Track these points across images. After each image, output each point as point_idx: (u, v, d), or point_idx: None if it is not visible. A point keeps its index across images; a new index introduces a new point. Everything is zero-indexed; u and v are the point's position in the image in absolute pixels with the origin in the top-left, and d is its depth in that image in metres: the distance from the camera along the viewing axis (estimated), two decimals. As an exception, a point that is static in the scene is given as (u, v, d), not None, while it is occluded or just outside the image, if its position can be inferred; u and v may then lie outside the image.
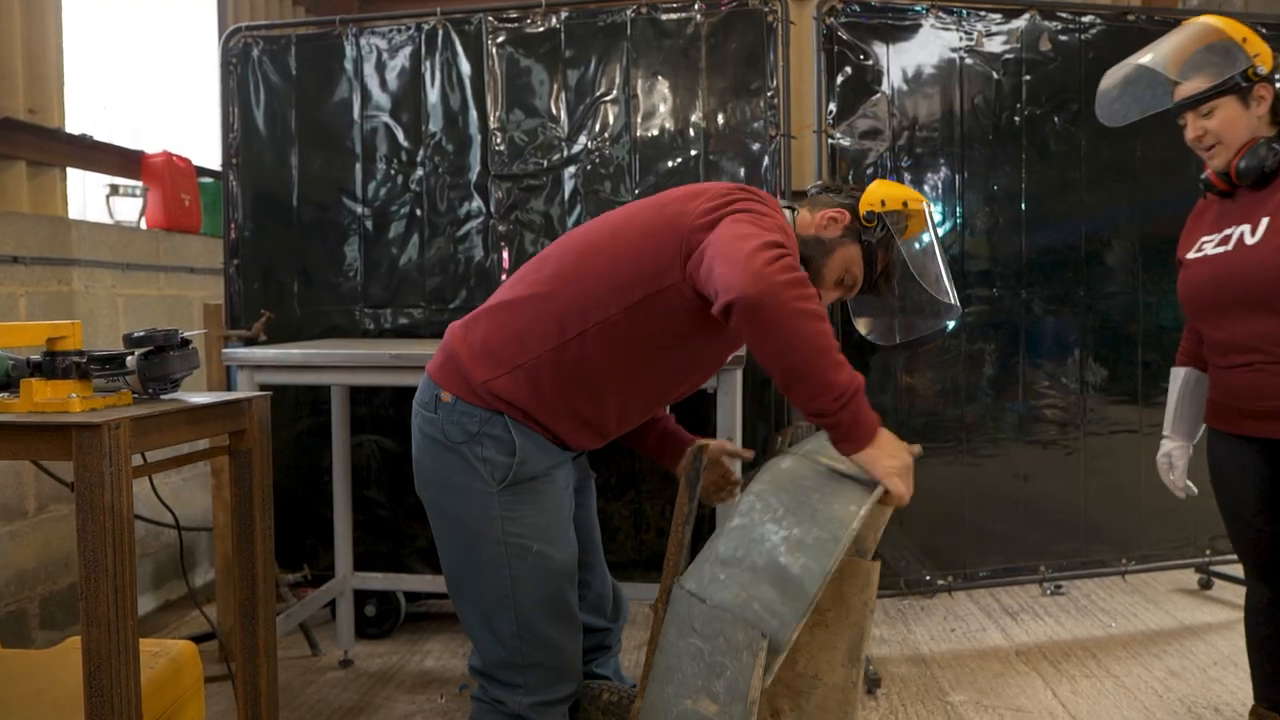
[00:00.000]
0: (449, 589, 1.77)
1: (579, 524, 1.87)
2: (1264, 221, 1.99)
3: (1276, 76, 2.01)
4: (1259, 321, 1.99)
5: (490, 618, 1.70)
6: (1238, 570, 3.68)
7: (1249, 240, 2.00)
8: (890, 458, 1.49)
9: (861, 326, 2.08)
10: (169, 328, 1.89)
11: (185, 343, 1.93)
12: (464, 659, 3.16)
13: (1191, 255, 2.17)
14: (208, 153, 4.55)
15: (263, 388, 2.59)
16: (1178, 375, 2.33)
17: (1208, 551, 3.57)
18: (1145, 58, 2.07)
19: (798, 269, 1.51)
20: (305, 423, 3.39)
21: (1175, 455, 2.30)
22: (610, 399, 1.71)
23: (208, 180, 4.36)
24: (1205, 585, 3.87)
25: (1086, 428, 3.42)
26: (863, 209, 1.80)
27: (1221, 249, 2.07)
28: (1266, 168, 1.98)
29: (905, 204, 1.82)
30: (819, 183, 1.97)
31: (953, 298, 1.90)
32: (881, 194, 1.82)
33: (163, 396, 1.88)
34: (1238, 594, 3.75)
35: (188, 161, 4.22)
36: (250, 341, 3.20)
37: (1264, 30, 3.47)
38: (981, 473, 3.34)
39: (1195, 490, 2.29)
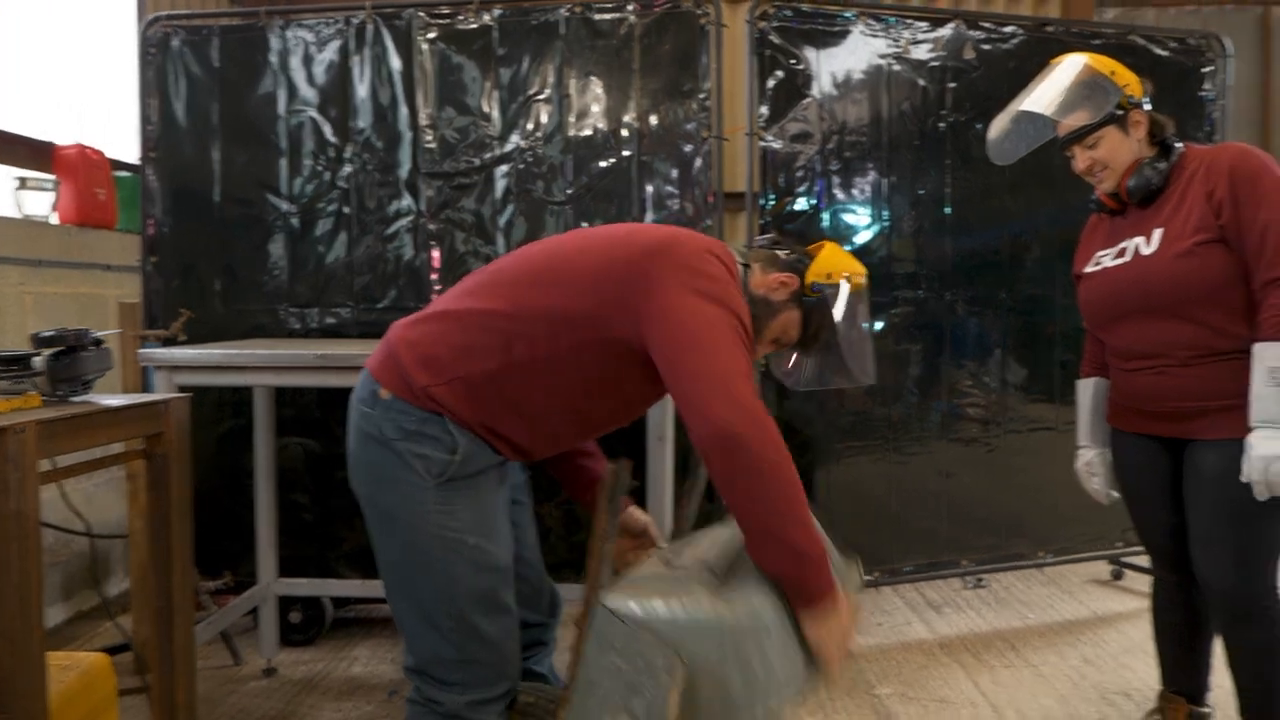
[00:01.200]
0: (385, 586, 1.75)
1: (516, 520, 1.87)
2: (1157, 233, 2.09)
3: (1145, 101, 2.14)
4: (1158, 327, 2.09)
5: (426, 614, 1.68)
6: (1147, 561, 3.84)
7: (1145, 251, 2.10)
8: (836, 629, 1.54)
9: (775, 369, 2.16)
10: (80, 327, 1.83)
11: (97, 342, 1.87)
12: (393, 664, 3.11)
13: (1089, 269, 2.27)
14: (124, 146, 4.40)
15: (182, 389, 2.52)
16: (1086, 386, 2.42)
17: (1119, 544, 3.71)
18: (1027, 102, 2.19)
19: (766, 413, 1.54)
20: (227, 425, 3.30)
21: (1095, 463, 2.39)
22: (542, 426, 1.72)
23: (124, 174, 4.22)
24: (1117, 576, 4.02)
25: (1007, 426, 3.52)
26: (810, 278, 1.88)
27: (1119, 261, 2.16)
28: (1153, 185, 2.10)
29: (848, 277, 1.92)
30: (770, 236, 2.06)
31: (869, 370, 2.00)
32: (829, 267, 1.90)
33: (73, 399, 1.82)
34: (1148, 584, 3.89)
35: (102, 154, 4.06)
36: (169, 341, 3.11)
37: (1174, 44, 3.65)
38: (907, 471, 3.42)
39: (1116, 496, 2.38)
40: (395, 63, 3.19)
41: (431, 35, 3.19)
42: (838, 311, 1.89)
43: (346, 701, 2.85)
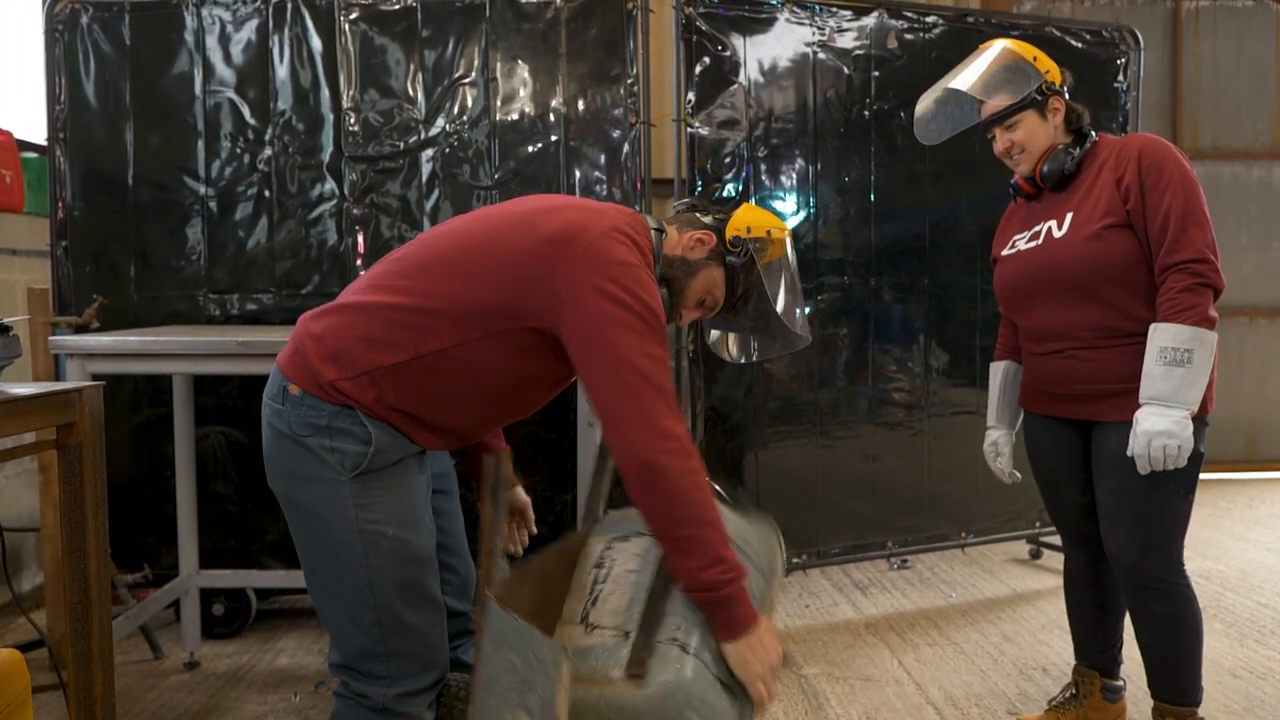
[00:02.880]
0: (307, 582, 1.73)
1: (442, 509, 1.86)
2: (1068, 216, 2.17)
3: (1064, 89, 2.22)
4: (1068, 309, 2.17)
5: (349, 608, 1.66)
6: (1063, 540, 3.98)
7: (1056, 234, 2.18)
8: (760, 659, 1.51)
9: (715, 344, 2.15)
10: (-15, 314, 1.76)
11: (5, 329, 1.81)
12: (319, 655, 3.07)
13: (1006, 252, 2.34)
14: (31, 126, 4.23)
15: (97, 378, 2.44)
16: (998, 369, 2.49)
17: (1037, 524, 3.84)
18: (953, 81, 2.25)
19: (686, 432, 1.53)
20: (144, 414, 3.21)
21: (1001, 443, 2.46)
22: (457, 414, 1.69)
23: (31, 155, 4.05)
24: (1035, 555, 4.15)
25: (930, 409, 3.60)
26: (729, 233, 1.84)
27: (1032, 244, 2.24)
28: (1066, 170, 2.19)
29: (769, 232, 1.86)
30: (686, 200, 2.00)
31: (801, 327, 1.95)
32: (748, 220, 1.85)
33: (-21, 388, 1.75)
34: (1063, 562, 4.03)
35: (8, 135, 3.90)
36: (82, 329, 3.01)
37: (1089, 36, 3.76)
38: (834, 454, 3.47)
39: (1019, 477, 2.46)
40: (316, 43, 3.13)
41: (353, 15, 3.13)
42: (762, 266, 1.84)
43: (273, 694, 2.80)
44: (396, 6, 3.13)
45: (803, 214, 3.41)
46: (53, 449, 1.96)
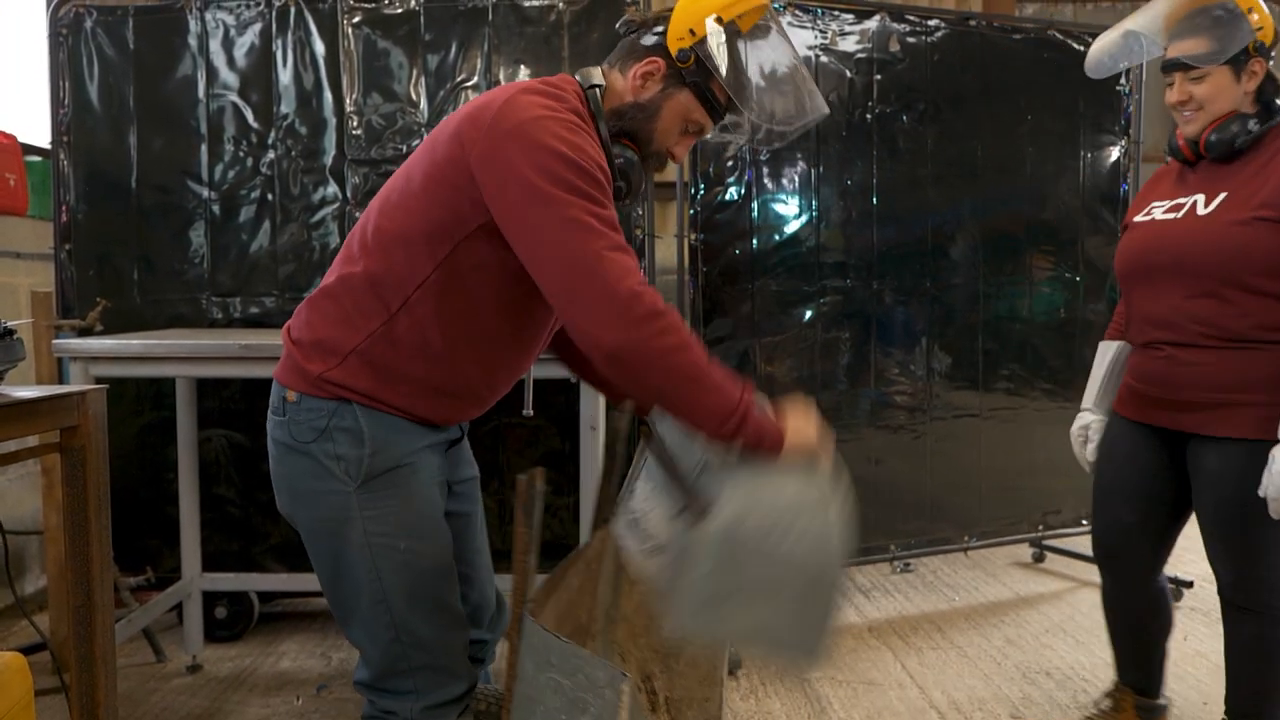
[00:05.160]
0: (329, 603, 1.67)
1: (459, 528, 1.77)
2: (1221, 195, 1.95)
3: (1273, 52, 1.95)
4: (1182, 296, 1.97)
5: (369, 627, 1.60)
6: (1067, 544, 3.96)
7: (1200, 211, 1.96)
8: (804, 436, 1.51)
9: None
10: (-11, 317, 1.76)
11: (9, 333, 1.81)
12: (321, 658, 3.07)
13: (1139, 219, 2.12)
14: (35, 129, 4.24)
15: (100, 381, 2.44)
16: (1109, 348, 2.27)
17: (1040, 527, 3.83)
18: (1145, 18, 2.01)
19: (649, 290, 1.40)
20: (147, 417, 3.22)
21: (1094, 429, 2.28)
22: (465, 362, 1.59)
23: (35, 159, 4.06)
24: (1038, 558, 4.14)
25: (932, 413, 3.60)
26: (673, 48, 1.59)
27: (1170, 215, 2.03)
28: (1238, 144, 1.95)
29: (719, 18, 1.59)
30: (622, 20, 1.70)
31: (811, 101, 1.71)
32: (691, 17, 1.58)
33: (-18, 391, 1.76)
34: (1067, 566, 4.01)
35: (12, 138, 3.91)
36: (85, 332, 3.01)
37: (1091, 39, 3.74)
38: (836, 458, 3.46)
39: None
40: (319, 47, 3.13)
41: (356, 19, 3.13)
42: (726, 65, 1.59)
43: (274, 696, 2.80)
44: (399, 10, 3.14)
45: (805, 217, 3.40)
46: (56, 452, 1.96)
